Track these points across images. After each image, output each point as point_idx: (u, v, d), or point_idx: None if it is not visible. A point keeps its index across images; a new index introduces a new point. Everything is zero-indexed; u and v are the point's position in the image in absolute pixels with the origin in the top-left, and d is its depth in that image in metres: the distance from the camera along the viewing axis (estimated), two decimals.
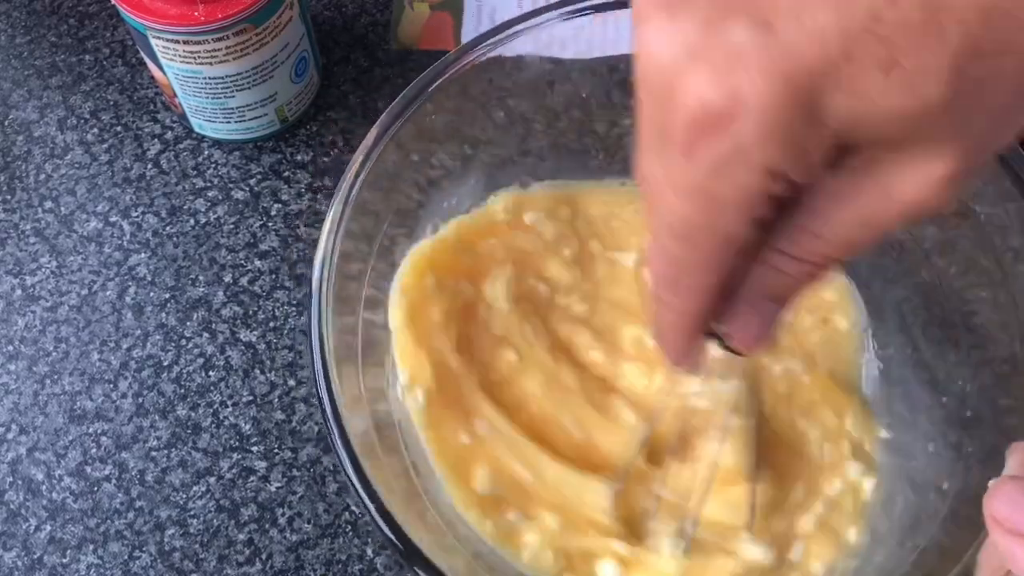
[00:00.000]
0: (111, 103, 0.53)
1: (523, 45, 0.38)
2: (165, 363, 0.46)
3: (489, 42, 0.38)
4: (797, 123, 0.19)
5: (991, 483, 0.27)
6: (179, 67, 0.45)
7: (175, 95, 0.48)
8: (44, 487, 0.43)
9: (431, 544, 0.31)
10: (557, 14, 0.38)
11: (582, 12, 0.38)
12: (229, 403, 0.44)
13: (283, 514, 0.42)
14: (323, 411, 0.32)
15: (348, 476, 0.31)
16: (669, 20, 0.20)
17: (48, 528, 0.42)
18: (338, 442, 0.31)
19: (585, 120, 0.42)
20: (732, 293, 0.25)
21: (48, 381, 0.45)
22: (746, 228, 0.22)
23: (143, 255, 0.48)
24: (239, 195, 0.50)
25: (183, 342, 0.46)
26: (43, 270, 0.48)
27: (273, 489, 0.43)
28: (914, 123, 0.20)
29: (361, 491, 0.30)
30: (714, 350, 0.28)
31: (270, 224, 0.49)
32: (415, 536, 0.30)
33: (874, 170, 0.21)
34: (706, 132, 0.20)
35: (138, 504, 0.43)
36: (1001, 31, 0.18)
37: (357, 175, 0.36)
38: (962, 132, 0.20)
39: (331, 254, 0.35)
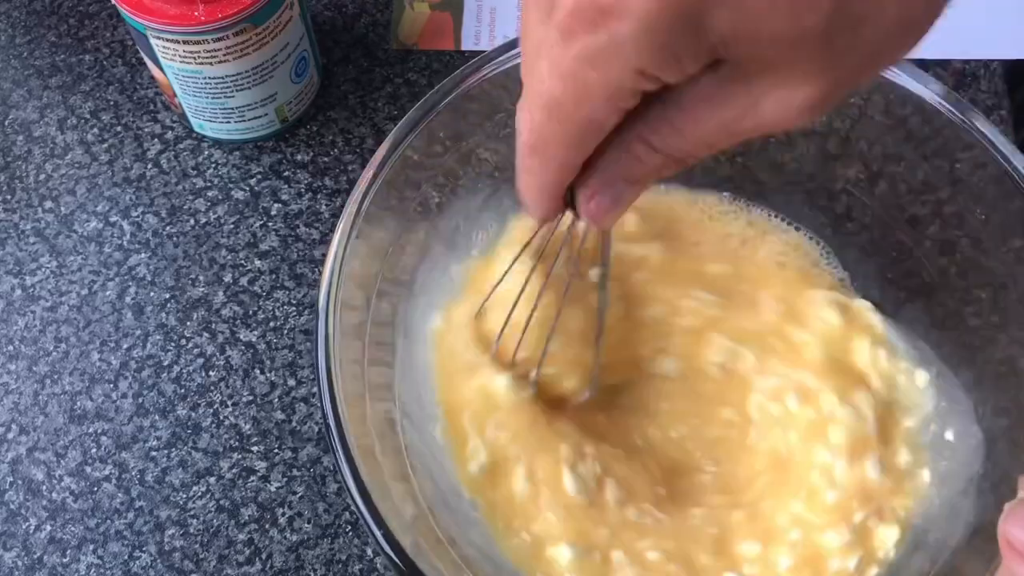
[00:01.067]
0: (111, 103, 0.53)
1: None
2: (165, 363, 0.46)
3: (494, 62, 0.38)
4: (677, 34, 0.20)
5: (1006, 507, 0.27)
6: (179, 67, 0.45)
7: (175, 95, 0.48)
8: (44, 487, 0.43)
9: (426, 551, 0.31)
10: None
11: None
12: (229, 403, 0.44)
13: (283, 514, 0.42)
14: (324, 414, 0.32)
15: (346, 483, 0.31)
16: None
17: (48, 528, 0.42)
18: (342, 458, 0.31)
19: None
20: (590, 166, 0.26)
21: (48, 381, 0.45)
22: (611, 116, 0.23)
23: (143, 255, 0.48)
24: (239, 195, 0.50)
25: (183, 342, 0.46)
26: (43, 270, 0.48)
27: (273, 489, 0.43)
28: (789, 48, 0.20)
29: (365, 513, 0.31)
30: (569, 216, 0.29)
31: (270, 224, 0.49)
32: (413, 551, 0.30)
33: (744, 83, 0.22)
34: (585, 22, 0.21)
35: (138, 504, 0.43)
36: None
37: (369, 186, 0.36)
38: (831, 64, 0.21)
39: (340, 263, 0.35)
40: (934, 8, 0.21)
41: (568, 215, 0.30)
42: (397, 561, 0.30)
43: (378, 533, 0.30)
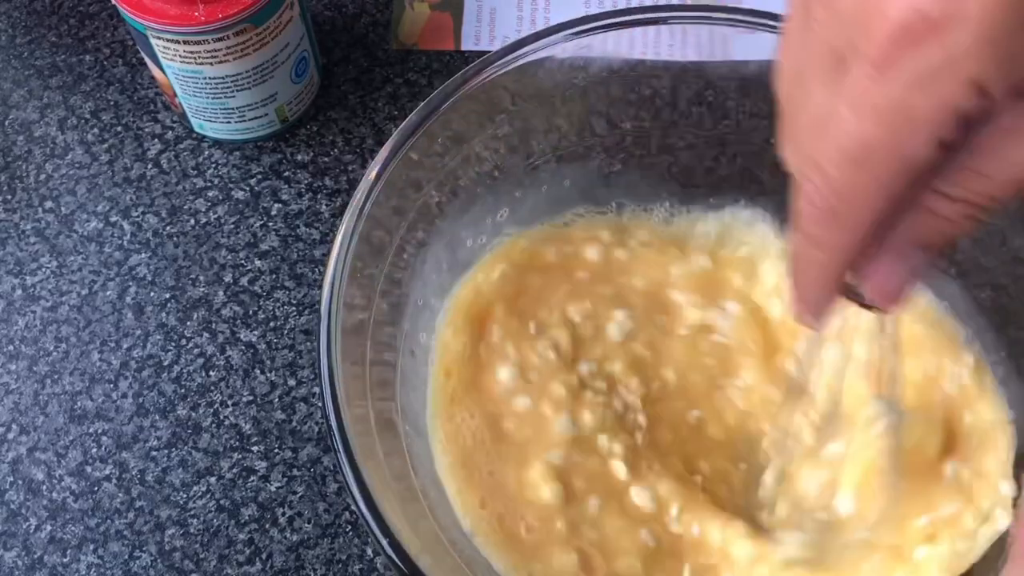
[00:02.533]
0: (111, 103, 0.53)
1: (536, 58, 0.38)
2: (165, 363, 0.46)
3: (496, 64, 0.38)
4: (1017, 33, 0.19)
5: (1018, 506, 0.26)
6: (179, 67, 0.45)
7: (175, 95, 0.48)
8: (44, 487, 0.43)
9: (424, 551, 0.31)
10: (564, 35, 0.38)
11: (590, 31, 0.38)
12: (229, 403, 0.44)
13: (283, 514, 0.42)
14: (326, 415, 0.32)
15: (347, 484, 0.31)
16: None
17: (48, 528, 0.42)
18: (343, 458, 0.31)
19: (605, 143, 0.42)
20: (879, 240, 0.24)
21: (48, 381, 0.45)
22: (932, 153, 0.21)
23: (143, 255, 0.48)
24: (239, 195, 0.50)
25: (183, 342, 0.46)
26: (43, 270, 0.48)
27: (273, 489, 0.43)
28: None
29: (363, 507, 0.30)
30: (848, 307, 0.27)
31: (270, 224, 0.49)
32: (412, 548, 0.30)
33: None
34: (915, 40, 0.19)
35: (138, 504, 0.43)
36: None
37: (372, 186, 0.36)
38: None
39: (342, 263, 0.35)
40: None
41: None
42: (397, 562, 0.30)
43: (379, 533, 0.30)
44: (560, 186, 0.42)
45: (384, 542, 0.30)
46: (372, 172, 0.36)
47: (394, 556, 0.30)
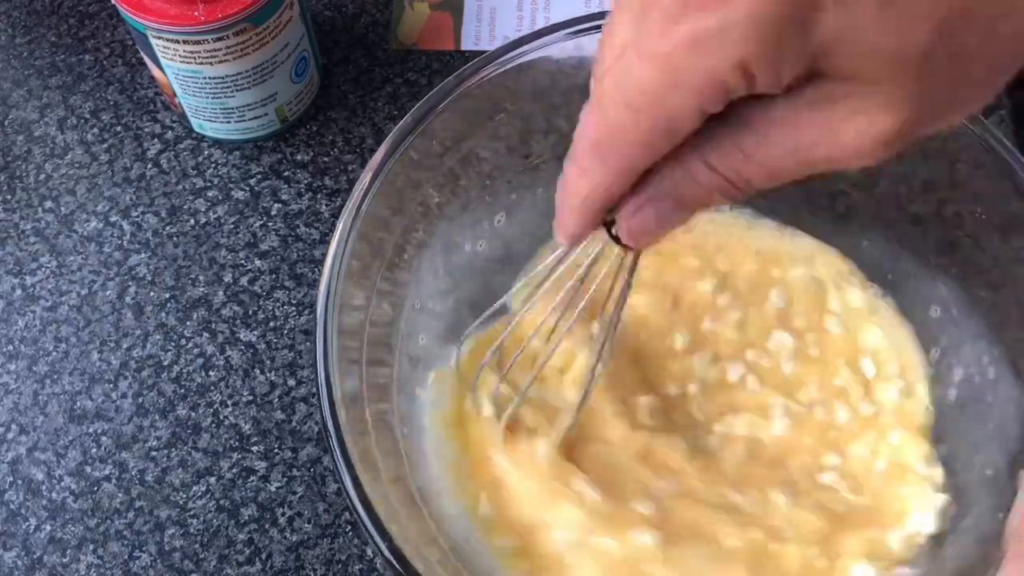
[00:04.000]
0: (111, 103, 0.53)
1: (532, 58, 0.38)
2: (165, 363, 0.45)
3: (495, 63, 0.38)
4: (786, 26, 0.20)
5: (1015, 505, 0.27)
6: (179, 67, 0.45)
7: (175, 95, 0.48)
8: (44, 487, 0.43)
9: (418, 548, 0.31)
10: (563, 34, 0.38)
11: (590, 31, 0.38)
12: (229, 403, 0.44)
13: (283, 514, 0.42)
14: (322, 416, 0.32)
15: (344, 486, 0.31)
16: None
17: (48, 528, 0.42)
18: (339, 459, 0.31)
19: None
20: (639, 185, 0.26)
21: (48, 381, 0.45)
22: (692, 119, 0.22)
23: (143, 255, 0.48)
24: (239, 195, 0.50)
25: (183, 342, 0.46)
26: (43, 270, 0.48)
27: (273, 489, 0.42)
28: (885, 66, 0.20)
29: (361, 511, 0.30)
30: (603, 235, 0.29)
31: (270, 224, 0.49)
32: (409, 550, 0.30)
33: (826, 106, 0.22)
34: (697, 4, 0.20)
35: (138, 504, 0.43)
36: (995, 4, 0.19)
37: (369, 185, 0.36)
38: (919, 94, 0.21)
39: (339, 262, 0.34)
40: (1021, 55, 0.21)
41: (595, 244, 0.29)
42: (395, 563, 0.30)
43: (375, 533, 0.30)
44: (555, 188, 0.42)
45: (383, 546, 0.30)
46: (369, 171, 0.36)
47: (391, 558, 0.30)
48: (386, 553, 0.30)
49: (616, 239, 0.28)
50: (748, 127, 0.23)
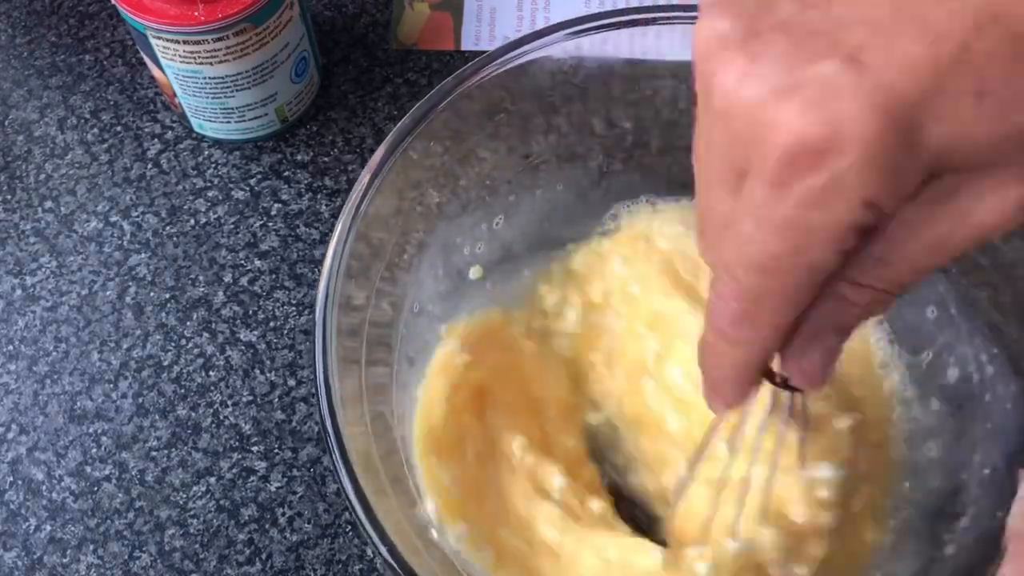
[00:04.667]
0: (111, 103, 0.53)
1: (532, 59, 0.38)
2: (165, 363, 0.46)
3: (494, 63, 0.38)
4: (897, 154, 0.20)
5: (1014, 505, 0.27)
6: (179, 67, 0.45)
7: (175, 95, 0.48)
8: (44, 487, 0.43)
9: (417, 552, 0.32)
10: (563, 34, 0.38)
11: (590, 31, 0.38)
12: (229, 403, 0.44)
13: (283, 514, 0.42)
14: (322, 417, 0.32)
15: (343, 487, 0.31)
16: (751, 61, 0.21)
17: (48, 528, 0.42)
18: (338, 461, 0.31)
19: (605, 143, 0.42)
20: (796, 327, 0.25)
21: (48, 381, 0.45)
22: (833, 259, 0.22)
23: (143, 255, 0.48)
24: (239, 195, 0.50)
25: (183, 342, 0.46)
26: (43, 270, 0.48)
27: (273, 489, 0.43)
28: (1003, 148, 0.20)
29: (363, 520, 0.31)
30: (767, 389, 0.28)
31: (270, 224, 0.49)
32: (407, 551, 0.30)
33: (953, 196, 0.21)
34: (804, 165, 0.20)
35: (138, 504, 0.43)
36: None
37: (368, 185, 0.36)
38: None
39: (339, 261, 0.34)
40: None
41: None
42: (392, 563, 0.30)
43: (373, 534, 0.30)
44: (554, 190, 0.42)
45: (381, 547, 0.30)
46: (368, 171, 0.36)
47: (389, 559, 0.30)
48: (384, 554, 0.30)
49: (784, 385, 0.27)
50: (882, 239, 0.22)
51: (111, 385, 0.45)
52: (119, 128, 0.52)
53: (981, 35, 0.19)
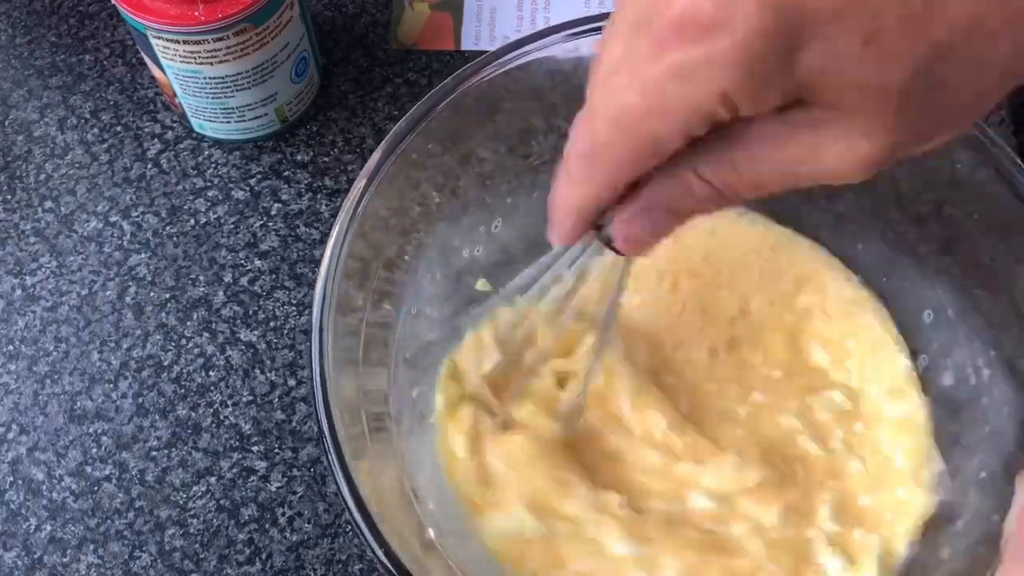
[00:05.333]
0: (111, 103, 0.53)
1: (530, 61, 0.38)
2: (165, 363, 0.46)
3: (494, 63, 0.38)
4: (770, 60, 0.20)
5: (1013, 508, 0.27)
6: (179, 67, 0.45)
7: (175, 95, 0.48)
8: (44, 487, 0.43)
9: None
10: (563, 35, 0.38)
11: (590, 31, 0.38)
12: (229, 403, 0.44)
13: (283, 514, 0.42)
14: (318, 418, 0.32)
15: (339, 486, 0.31)
16: None
17: (48, 528, 0.42)
18: (335, 462, 0.31)
19: None
20: (630, 193, 0.26)
21: (48, 381, 0.45)
22: (677, 139, 0.23)
23: (143, 255, 0.48)
24: (239, 195, 0.50)
25: (183, 342, 0.46)
26: (43, 270, 0.48)
27: (273, 489, 0.43)
28: (866, 98, 0.21)
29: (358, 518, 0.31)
30: (594, 241, 0.29)
31: (270, 224, 0.49)
32: (404, 551, 0.30)
33: (809, 129, 0.22)
34: (684, 35, 0.21)
35: (138, 504, 0.43)
36: (977, 45, 0.20)
37: (367, 185, 0.36)
38: (899, 124, 0.21)
39: (336, 261, 0.34)
40: (1006, 83, 0.21)
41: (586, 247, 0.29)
42: (389, 565, 0.30)
43: (368, 534, 0.30)
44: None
45: (377, 547, 0.30)
46: (366, 171, 0.36)
47: (384, 559, 0.30)
48: (380, 555, 0.30)
49: (609, 245, 0.28)
50: (737, 141, 0.23)
51: (111, 385, 0.45)
52: (119, 128, 0.52)
53: None
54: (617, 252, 0.29)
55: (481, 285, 0.42)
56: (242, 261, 0.48)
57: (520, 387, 0.38)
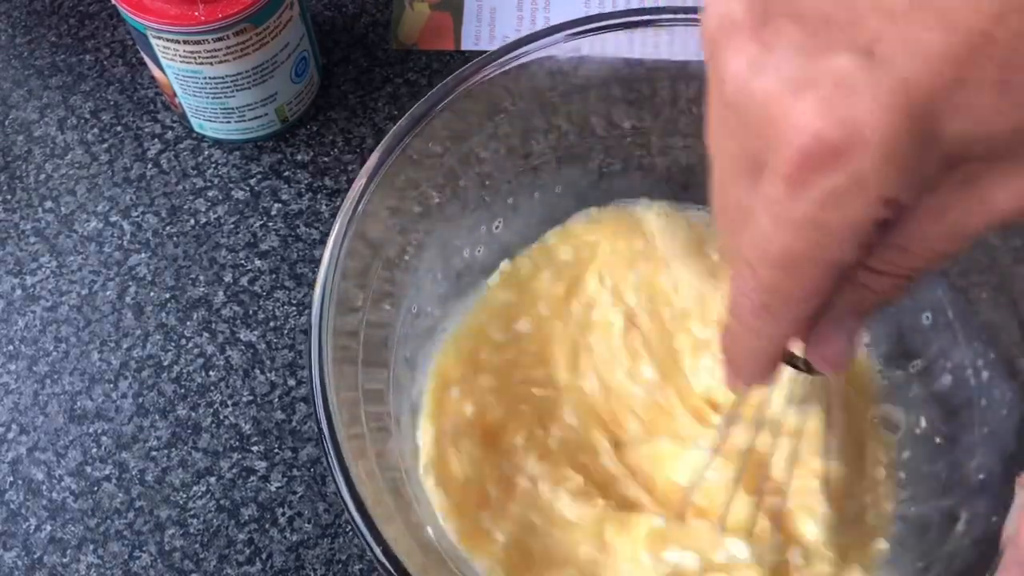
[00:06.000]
0: (111, 103, 0.53)
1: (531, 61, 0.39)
2: (165, 363, 0.46)
3: (494, 63, 0.38)
4: (916, 150, 0.19)
5: (1012, 510, 0.27)
6: (179, 67, 0.45)
7: (175, 95, 0.48)
8: (44, 487, 0.43)
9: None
10: (563, 35, 0.38)
11: (590, 32, 0.38)
12: (229, 403, 0.44)
13: (283, 514, 0.42)
14: (317, 419, 0.32)
15: (338, 487, 0.31)
16: (763, 50, 0.20)
17: (48, 528, 0.42)
18: (334, 463, 0.31)
19: (605, 143, 0.42)
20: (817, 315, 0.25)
21: (48, 381, 0.45)
22: (853, 253, 0.21)
23: (143, 255, 0.48)
24: (239, 195, 0.50)
25: (183, 342, 0.46)
26: (43, 270, 0.48)
27: (273, 489, 0.43)
28: (1020, 140, 0.20)
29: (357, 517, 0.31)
30: (788, 372, 0.28)
31: (270, 224, 0.49)
32: (402, 552, 0.30)
33: (972, 183, 0.21)
34: (820, 165, 0.19)
35: (138, 504, 0.43)
36: None
37: (366, 184, 0.36)
38: None
39: (336, 260, 0.34)
40: None
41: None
42: (387, 564, 0.30)
43: (368, 535, 0.30)
44: (552, 192, 0.42)
45: (376, 547, 0.30)
46: (366, 171, 0.36)
47: (384, 560, 0.30)
48: (379, 555, 0.30)
49: (806, 369, 0.28)
50: (899, 225, 0.22)
51: (111, 385, 0.45)
52: (119, 128, 0.52)
53: (1003, 23, 0.18)
54: (815, 374, 0.28)
55: (494, 279, 0.42)
56: (242, 261, 0.48)
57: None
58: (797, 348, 0.27)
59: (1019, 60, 0.18)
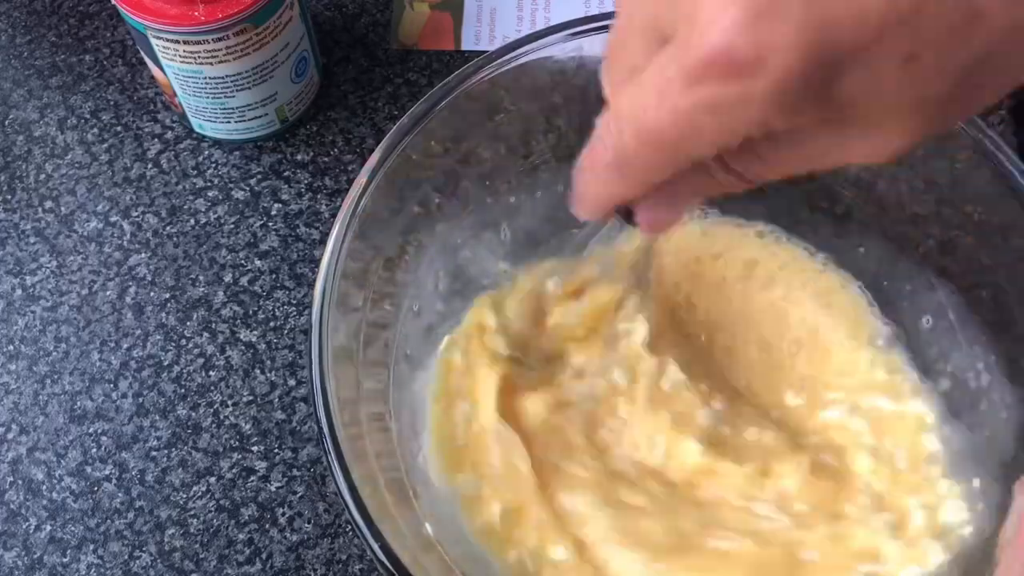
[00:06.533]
0: (111, 103, 0.53)
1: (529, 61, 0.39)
2: (165, 363, 0.46)
3: (494, 63, 0.38)
4: (809, 91, 0.20)
5: (1011, 513, 0.27)
6: (179, 67, 0.45)
7: (175, 95, 0.48)
8: (44, 487, 0.43)
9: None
10: (563, 35, 0.38)
11: (590, 31, 0.38)
12: (229, 403, 0.44)
13: (283, 514, 0.42)
14: (317, 419, 0.32)
15: (338, 486, 0.31)
16: None
17: (48, 528, 0.42)
18: (334, 463, 0.31)
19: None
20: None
21: (48, 381, 0.45)
22: (710, 154, 0.23)
23: (143, 255, 0.48)
24: (239, 195, 0.50)
25: (183, 342, 0.46)
26: (43, 270, 0.48)
27: (273, 489, 0.43)
28: (903, 111, 0.21)
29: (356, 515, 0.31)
30: (618, 221, 0.30)
31: (270, 224, 0.49)
32: (402, 551, 0.30)
33: (837, 129, 0.22)
34: (720, 73, 0.20)
35: (138, 504, 0.43)
36: (1014, 47, 0.20)
37: (366, 184, 0.36)
38: (932, 124, 0.21)
39: (336, 261, 0.34)
40: None
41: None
42: (388, 564, 0.30)
43: (368, 534, 0.30)
44: (555, 192, 0.42)
45: (376, 547, 0.30)
46: (365, 171, 0.36)
47: (384, 559, 0.30)
48: (379, 554, 0.30)
49: (632, 222, 0.29)
50: (762, 139, 0.23)
51: (111, 385, 0.45)
52: (119, 128, 0.52)
53: (937, 1, 0.19)
54: (634, 226, 0.29)
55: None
56: (242, 261, 0.48)
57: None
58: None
59: (933, 38, 0.19)
